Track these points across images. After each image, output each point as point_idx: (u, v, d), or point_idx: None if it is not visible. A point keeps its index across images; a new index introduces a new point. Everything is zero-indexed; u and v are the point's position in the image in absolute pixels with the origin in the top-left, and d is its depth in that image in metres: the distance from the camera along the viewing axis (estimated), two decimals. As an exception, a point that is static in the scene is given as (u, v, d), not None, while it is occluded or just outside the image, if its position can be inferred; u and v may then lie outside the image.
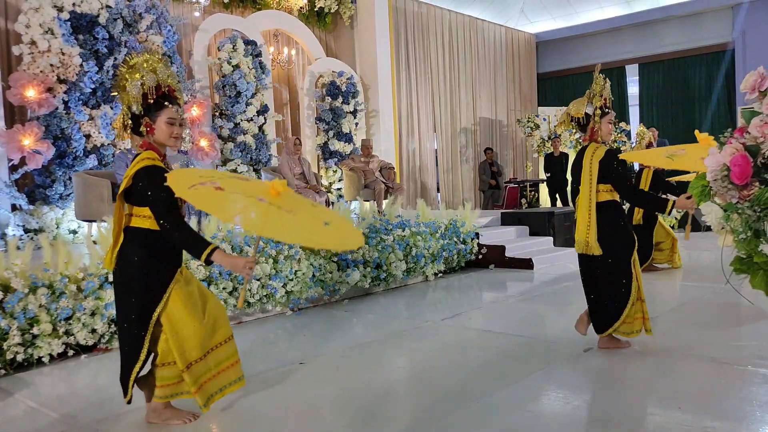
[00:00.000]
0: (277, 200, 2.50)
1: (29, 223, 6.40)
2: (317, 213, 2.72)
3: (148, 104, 2.69)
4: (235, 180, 2.67)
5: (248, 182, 2.71)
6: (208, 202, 2.47)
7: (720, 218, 1.96)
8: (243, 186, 2.59)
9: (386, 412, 2.92)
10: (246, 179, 2.78)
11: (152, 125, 2.71)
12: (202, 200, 2.46)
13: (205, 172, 2.71)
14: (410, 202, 10.98)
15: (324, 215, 2.73)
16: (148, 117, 2.70)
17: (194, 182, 2.50)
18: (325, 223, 2.61)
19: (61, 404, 3.16)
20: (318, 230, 2.59)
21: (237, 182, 2.63)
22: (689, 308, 4.83)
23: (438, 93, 12.46)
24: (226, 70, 8.35)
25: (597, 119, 3.62)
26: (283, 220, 2.45)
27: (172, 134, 2.74)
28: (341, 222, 2.76)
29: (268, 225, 2.41)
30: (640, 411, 2.82)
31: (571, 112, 3.73)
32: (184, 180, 2.56)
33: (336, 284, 5.35)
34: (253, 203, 2.45)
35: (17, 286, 3.71)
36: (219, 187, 2.46)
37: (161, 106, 2.71)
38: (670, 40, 13.54)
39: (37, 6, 6.45)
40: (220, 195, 2.46)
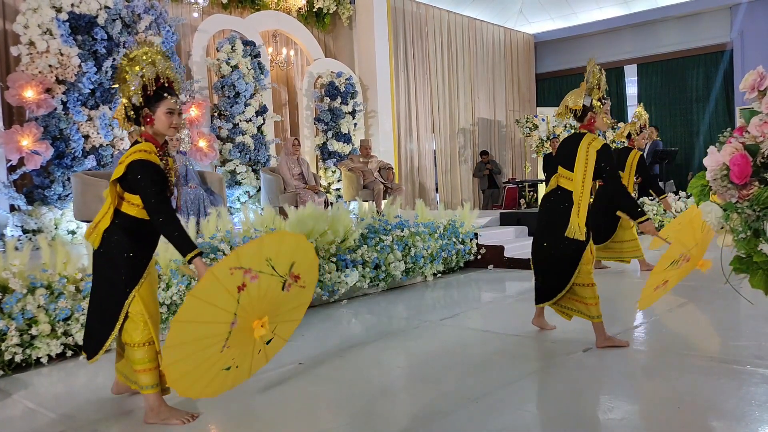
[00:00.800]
0: (238, 332, 2.74)
1: (28, 223, 6.39)
2: (237, 358, 2.87)
3: (147, 96, 2.76)
4: (267, 285, 2.77)
5: (270, 293, 2.81)
6: (200, 299, 2.61)
7: (719, 218, 1.96)
8: (258, 298, 2.75)
9: (385, 412, 2.91)
10: (276, 287, 2.83)
11: (152, 116, 2.78)
12: (204, 292, 2.62)
13: (278, 255, 2.79)
14: (409, 203, 10.98)
15: (238, 360, 2.88)
16: (148, 108, 2.78)
17: (245, 266, 2.65)
18: (227, 368, 2.83)
19: (59, 404, 3.15)
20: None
21: (263, 290, 2.76)
22: (688, 308, 4.83)
23: (437, 93, 12.46)
24: (225, 70, 8.35)
25: (599, 110, 3.65)
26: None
27: (171, 124, 2.81)
28: (245, 366, 2.96)
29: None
30: (639, 411, 2.82)
31: (569, 104, 3.74)
32: (245, 258, 2.66)
33: (335, 284, 5.35)
34: (216, 326, 2.65)
35: (15, 287, 3.70)
36: (243, 286, 2.66)
37: (160, 97, 2.79)
38: (668, 41, 13.56)
39: (36, 6, 6.44)
40: (216, 295, 2.62)
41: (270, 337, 2.99)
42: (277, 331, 3.04)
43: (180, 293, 4.31)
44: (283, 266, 2.81)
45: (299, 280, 2.93)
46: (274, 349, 3.13)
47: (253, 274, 2.66)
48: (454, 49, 12.91)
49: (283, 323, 3.08)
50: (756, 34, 12.38)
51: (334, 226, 5.46)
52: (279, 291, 2.84)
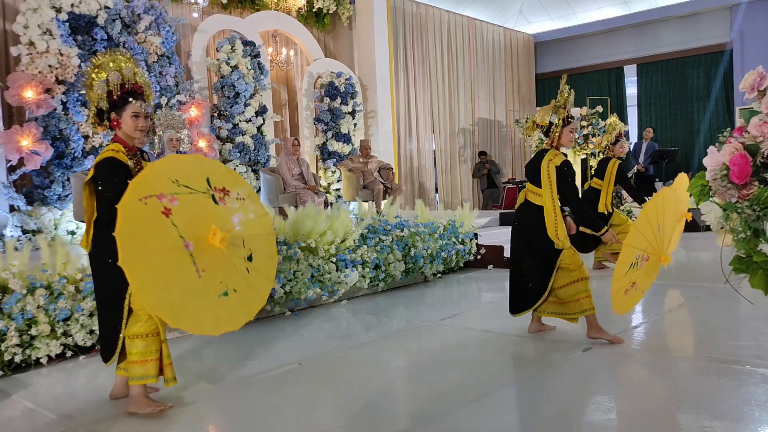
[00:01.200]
0: (201, 251, 2.71)
1: (27, 224, 6.39)
2: (224, 276, 2.82)
3: (113, 101, 2.94)
4: (194, 203, 2.78)
5: (204, 209, 2.82)
6: (131, 236, 2.60)
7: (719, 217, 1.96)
8: (191, 217, 2.74)
9: (385, 412, 2.91)
10: (205, 203, 2.84)
11: (119, 119, 2.95)
12: (128, 228, 2.60)
13: (185, 175, 2.80)
14: (409, 203, 10.99)
15: (229, 282, 2.84)
16: (115, 112, 2.95)
17: (153, 192, 2.66)
18: (223, 293, 2.80)
19: (59, 405, 3.15)
20: (206, 308, 2.77)
21: (192, 208, 2.76)
22: (688, 308, 4.83)
23: (436, 93, 12.46)
24: (225, 70, 8.35)
25: (558, 129, 3.87)
26: (177, 299, 2.68)
27: (137, 127, 2.96)
28: (245, 288, 2.91)
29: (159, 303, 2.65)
30: (638, 411, 2.82)
31: (537, 120, 3.97)
32: (148, 185, 2.68)
33: (334, 285, 5.35)
34: (173, 254, 2.65)
35: (15, 287, 3.70)
36: (167, 210, 2.65)
37: (126, 102, 2.95)
38: (668, 41, 13.56)
39: (36, 7, 6.44)
40: (149, 229, 2.62)
41: (247, 253, 2.95)
42: (252, 247, 2.98)
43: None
44: (199, 183, 2.82)
45: (230, 194, 2.93)
46: (268, 271, 3.07)
47: (169, 197, 2.68)
48: (454, 49, 12.91)
49: (258, 255, 3.01)
50: (755, 34, 12.38)
51: (333, 226, 5.46)
52: (213, 205, 2.85)
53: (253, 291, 2.95)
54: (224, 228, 2.83)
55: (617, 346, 3.73)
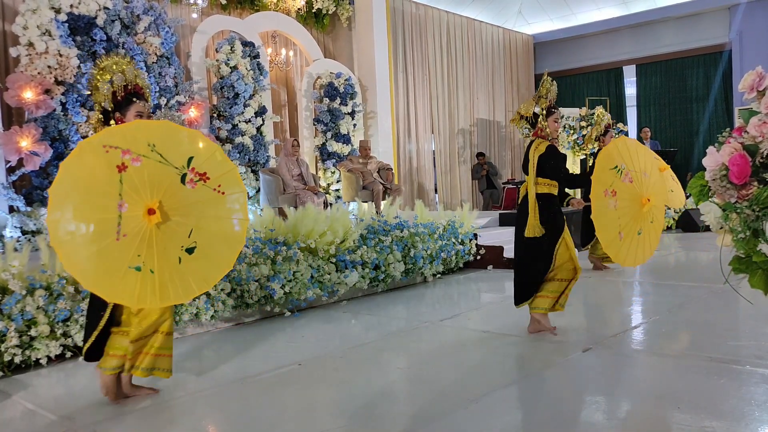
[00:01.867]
0: (131, 219, 2.63)
1: (27, 224, 6.38)
2: (145, 255, 2.68)
3: (117, 101, 3.06)
4: (157, 172, 2.68)
5: (163, 182, 2.70)
6: (74, 174, 2.61)
7: (719, 218, 1.96)
8: (146, 183, 2.65)
9: (385, 413, 2.91)
10: (170, 178, 2.72)
11: (123, 119, 3.04)
12: (75, 164, 2.61)
13: (167, 144, 2.70)
14: (408, 203, 10.99)
15: (148, 260, 2.69)
16: (119, 112, 3.06)
17: (121, 145, 2.61)
18: (136, 267, 2.64)
19: (58, 406, 3.15)
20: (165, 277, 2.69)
21: (151, 175, 2.66)
22: (688, 308, 4.83)
23: (436, 94, 12.47)
24: (224, 71, 8.34)
25: (542, 118, 4.02)
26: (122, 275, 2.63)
27: None
28: (167, 275, 2.72)
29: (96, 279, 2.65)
30: (638, 411, 2.82)
31: (521, 112, 4.14)
32: (119, 136, 2.64)
33: (334, 285, 5.35)
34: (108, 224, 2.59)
35: (15, 288, 3.70)
36: (123, 166, 2.60)
37: (130, 102, 3.07)
38: (667, 41, 13.57)
39: (35, 7, 6.44)
40: (94, 189, 2.60)
41: (190, 244, 2.75)
42: (200, 242, 2.77)
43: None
44: (177, 158, 2.71)
45: (208, 181, 2.77)
46: (207, 275, 2.82)
47: (134, 156, 2.61)
48: (453, 50, 12.91)
49: (203, 254, 2.79)
50: (755, 34, 12.39)
51: (333, 226, 5.46)
52: (178, 184, 2.72)
53: (175, 282, 2.73)
54: (174, 209, 2.70)
55: (617, 346, 3.73)
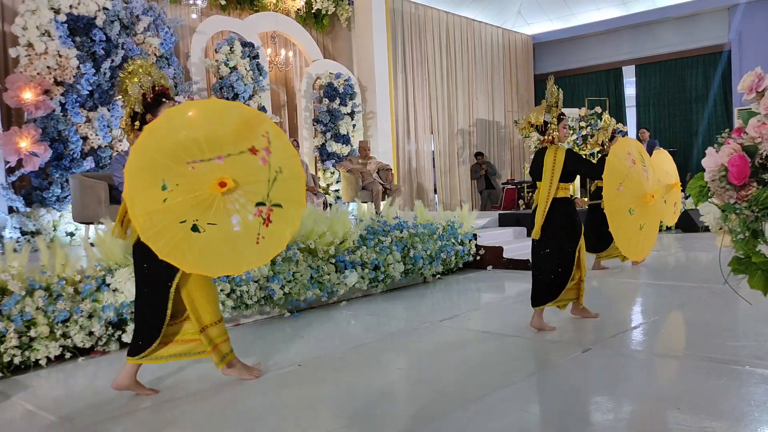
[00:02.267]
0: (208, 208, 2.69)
1: (26, 225, 6.38)
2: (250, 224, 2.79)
3: (147, 103, 3.08)
4: (195, 176, 2.71)
5: (200, 176, 2.72)
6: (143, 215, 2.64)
7: (718, 218, 1.96)
8: (195, 183, 2.70)
9: (384, 413, 2.91)
10: (209, 163, 2.73)
11: (153, 120, 2.99)
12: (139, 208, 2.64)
13: (193, 144, 2.71)
14: (408, 204, 10.99)
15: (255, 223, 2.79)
16: (150, 113, 3.08)
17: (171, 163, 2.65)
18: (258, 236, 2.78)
19: (58, 407, 3.15)
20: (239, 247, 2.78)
21: (194, 177, 2.70)
22: (687, 308, 4.83)
23: (435, 94, 12.47)
24: (224, 71, 8.35)
25: (554, 126, 4.12)
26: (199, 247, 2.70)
27: None
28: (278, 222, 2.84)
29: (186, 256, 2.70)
30: (638, 411, 2.82)
31: (532, 120, 4.21)
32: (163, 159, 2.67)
33: (334, 286, 5.35)
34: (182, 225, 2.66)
35: (14, 289, 3.70)
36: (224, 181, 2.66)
37: (160, 103, 3.11)
38: (666, 42, 13.58)
39: (34, 8, 6.44)
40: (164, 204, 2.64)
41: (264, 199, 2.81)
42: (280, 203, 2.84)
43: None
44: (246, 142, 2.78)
45: (270, 150, 2.83)
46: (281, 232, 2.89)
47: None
48: (452, 50, 12.91)
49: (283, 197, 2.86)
50: (754, 34, 12.40)
51: (333, 227, 5.46)
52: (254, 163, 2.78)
53: (223, 239, 2.80)
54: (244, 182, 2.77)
55: (617, 346, 3.74)
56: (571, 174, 4.10)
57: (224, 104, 2.92)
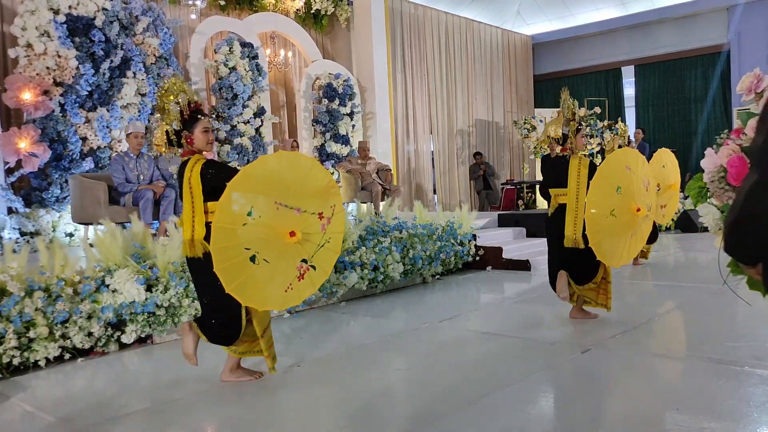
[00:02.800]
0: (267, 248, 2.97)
1: (25, 226, 6.38)
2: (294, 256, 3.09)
3: (185, 120, 3.21)
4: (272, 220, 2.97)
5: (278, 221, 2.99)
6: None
7: (717, 219, 1.96)
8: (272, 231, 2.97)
9: (384, 414, 2.91)
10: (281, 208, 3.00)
11: (191, 136, 3.20)
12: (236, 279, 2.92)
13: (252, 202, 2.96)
14: (407, 204, 10.99)
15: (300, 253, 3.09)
16: (186, 130, 3.20)
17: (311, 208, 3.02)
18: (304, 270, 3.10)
19: (57, 408, 3.15)
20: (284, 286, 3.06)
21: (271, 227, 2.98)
22: (686, 309, 4.83)
23: (434, 95, 12.47)
24: (223, 72, 8.35)
25: (573, 138, 4.28)
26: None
27: (208, 140, 3.24)
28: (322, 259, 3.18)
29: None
30: (638, 412, 2.82)
31: (551, 134, 4.37)
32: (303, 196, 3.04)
33: (333, 286, 5.35)
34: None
35: (13, 290, 3.70)
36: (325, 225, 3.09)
37: (196, 119, 3.22)
38: (665, 42, 13.59)
39: (33, 9, 6.44)
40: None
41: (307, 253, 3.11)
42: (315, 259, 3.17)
43: (178, 295, 4.30)
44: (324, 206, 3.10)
45: (325, 218, 3.14)
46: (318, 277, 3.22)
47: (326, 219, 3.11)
48: (451, 51, 12.91)
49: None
50: (753, 35, 12.41)
51: (332, 227, 5.45)
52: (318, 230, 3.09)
53: (281, 271, 3.10)
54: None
55: (616, 347, 3.74)
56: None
57: (319, 166, 3.19)
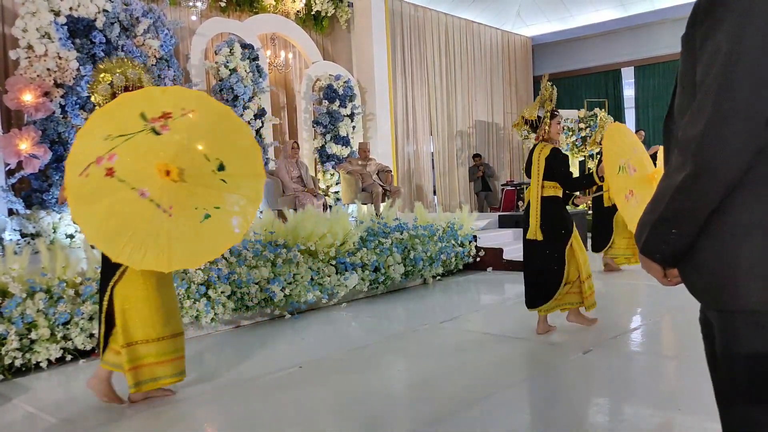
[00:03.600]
0: (159, 192, 2.62)
1: (26, 227, 6.38)
2: (196, 202, 2.72)
3: None
4: (134, 147, 2.64)
5: (147, 147, 2.66)
6: (86, 213, 2.60)
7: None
8: (136, 164, 2.62)
9: (385, 416, 2.92)
10: (147, 140, 2.68)
11: None
12: (80, 207, 2.59)
13: (117, 123, 2.67)
14: (407, 205, 10.99)
15: (205, 201, 2.73)
16: None
17: (89, 160, 2.58)
18: (205, 216, 2.69)
19: (59, 409, 3.15)
20: (195, 237, 2.69)
21: (134, 153, 2.63)
22: (687, 309, 4.83)
23: (434, 96, 12.47)
24: (224, 73, 8.35)
25: (547, 122, 4.10)
26: (160, 243, 2.61)
27: None
28: (229, 197, 2.77)
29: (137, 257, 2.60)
30: (639, 413, 2.82)
31: (525, 115, 4.22)
32: (81, 156, 2.61)
33: (334, 287, 5.35)
34: (133, 206, 2.59)
35: (15, 291, 3.70)
36: (110, 171, 2.55)
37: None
38: (665, 43, 13.59)
39: (34, 10, 6.44)
40: (100, 194, 2.57)
41: (216, 164, 2.76)
42: (229, 163, 2.79)
43: (179, 296, 4.30)
44: (133, 124, 2.67)
45: (172, 116, 2.72)
46: (253, 167, 2.86)
47: (106, 156, 2.60)
48: (451, 52, 12.92)
49: (231, 159, 2.80)
50: (752, 36, 12.41)
51: (333, 229, 5.46)
52: (155, 138, 2.68)
53: (242, 194, 2.79)
54: (174, 156, 2.68)
55: (618, 348, 3.74)
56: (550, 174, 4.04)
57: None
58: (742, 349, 1.14)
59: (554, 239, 3.98)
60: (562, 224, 4.03)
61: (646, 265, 1.27)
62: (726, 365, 1.19)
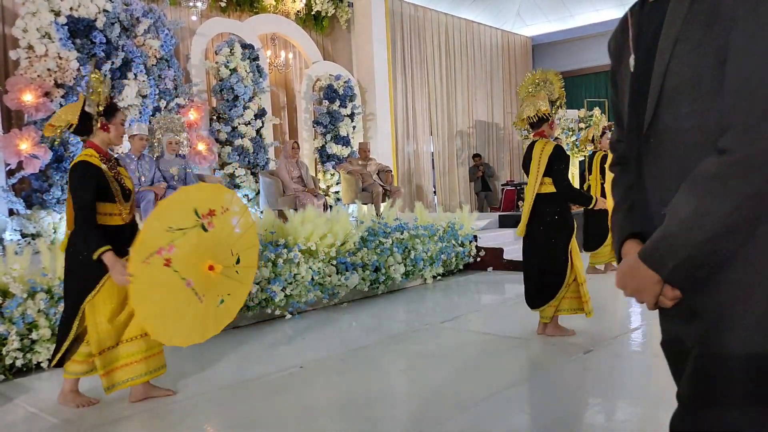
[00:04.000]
0: (199, 282, 3.05)
1: (26, 227, 6.38)
2: (220, 291, 3.20)
3: (108, 105, 3.13)
4: (188, 240, 3.00)
5: (198, 242, 3.05)
6: (145, 297, 2.94)
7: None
8: (188, 258, 3.00)
9: (385, 415, 2.92)
10: (198, 236, 3.05)
11: (108, 124, 3.11)
12: (140, 292, 2.91)
13: (176, 217, 3.01)
14: (407, 205, 10.99)
15: (224, 290, 3.22)
16: (105, 117, 3.11)
17: (152, 250, 2.92)
18: (221, 301, 3.19)
19: (60, 409, 3.15)
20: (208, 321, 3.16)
21: (187, 247, 3.00)
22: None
23: (434, 96, 12.48)
24: (224, 73, 8.35)
25: (553, 117, 4.09)
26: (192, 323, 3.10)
27: (122, 133, 3.21)
28: (238, 286, 3.29)
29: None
30: (640, 413, 2.83)
31: (542, 110, 4.02)
32: (147, 245, 2.93)
33: (335, 288, 5.35)
34: (179, 294, 2.99)
35: (16, 291, 3.70)
36: (167, 261, 2.92)
37: (117, 109, 3.16)
38: (665, 43, 13.60)
39: (35, 10, 6.44)
40: (157, 282, 2.94)
41: (236, 258, 3.23)
42: (242, 256, 3.28)
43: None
44: (188, 219, 3.03)
45: (215, 213, 3.13)
46: (252, 261, 3.37)
47: (167, 248, 2.92)
48: (451, 52, 12.92)
49: (243, 252, 3.29)
50: (752, 36, 12.42)
51: (333, 229, 5.46)
52: (203, 235, 3.06)
53: (242, 285, 3.31)
54: (215, 253, 3.10)
55: (618, 348, 3.74)
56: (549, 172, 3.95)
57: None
58: (739, 349, 1.11)
59: (557, 237, 3.90)
60: (564, 223, 3.95)
61: (640, 282, 1.14)
62: (718, 365, 1.13)
